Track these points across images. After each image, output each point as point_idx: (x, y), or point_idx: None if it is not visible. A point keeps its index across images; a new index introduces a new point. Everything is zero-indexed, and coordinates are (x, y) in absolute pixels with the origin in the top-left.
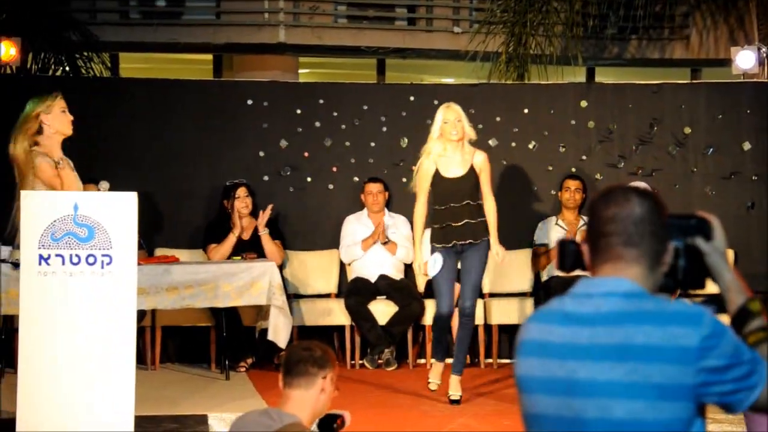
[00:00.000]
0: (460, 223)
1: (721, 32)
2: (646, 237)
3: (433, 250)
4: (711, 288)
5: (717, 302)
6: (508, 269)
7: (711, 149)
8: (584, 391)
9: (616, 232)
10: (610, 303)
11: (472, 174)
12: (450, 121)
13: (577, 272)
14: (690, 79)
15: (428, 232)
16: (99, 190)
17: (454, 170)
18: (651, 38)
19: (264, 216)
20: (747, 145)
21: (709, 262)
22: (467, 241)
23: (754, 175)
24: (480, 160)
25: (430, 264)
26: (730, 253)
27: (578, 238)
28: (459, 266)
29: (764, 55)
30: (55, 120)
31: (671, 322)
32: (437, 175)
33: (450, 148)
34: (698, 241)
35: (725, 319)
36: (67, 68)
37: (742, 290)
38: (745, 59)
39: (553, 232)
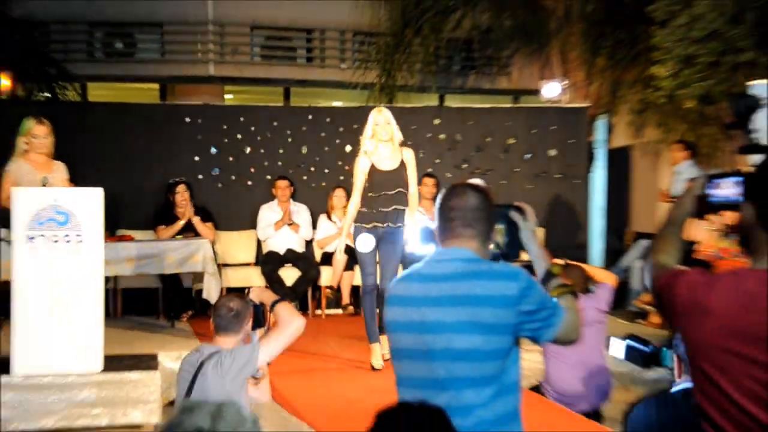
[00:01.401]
0: (389, 209)
1: (533, 70)
2: (479, 221)
3: (358, 230)
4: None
5: (529, 268)
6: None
7: (528, 155)
8: (434, 329)
9: (457, 218)
10: (454, 265)
11: (402, 167)
12: (380, 124)
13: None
14: (512, 103)
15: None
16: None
17: (386, 164)
18: (484, 73)
19: (188, 210)
20: (553, 152)
21: (523, 237)
22: (387, 225)
23: (558, 174)
24: (408, 156)
25: (360, 242)
26: (541, 232)
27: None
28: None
29: (564, 86)
30: (31, 143)
31: (498, 278)
32: (372, 168)
33: (381, 146)
34: (519, 218)
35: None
36: (47, 95)
37: (546, 258)
38: (550, 90)
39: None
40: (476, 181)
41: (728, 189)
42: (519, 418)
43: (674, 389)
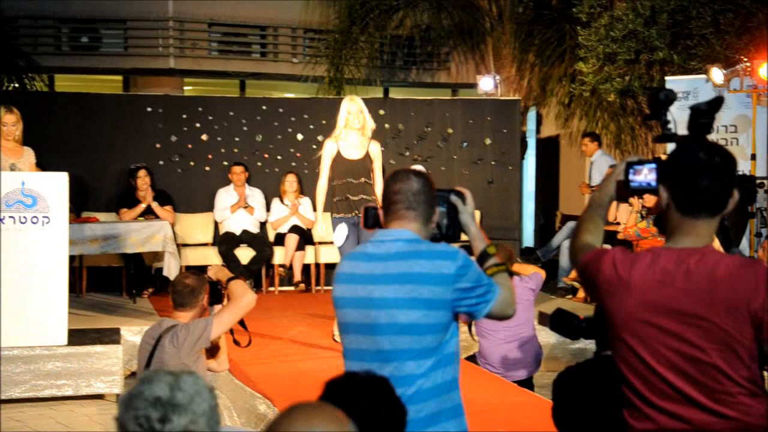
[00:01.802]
0: (356, 198)
1: (470, 65)
2: (421, 204)
3: (337, 222)
4: (465, 238)
5: (467, 248)
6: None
7: (465, 143)
8: (378, 305)
9: (401, 201)
10: (397, 246)
11: (367, 158)
12: (353, 112)
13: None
14: (451, 96)
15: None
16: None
17: (353, 153)
18: (425, 69)
19: (148, 196)
20: (488, 141)
21: (462, 219)
22: None
23: (492, 161)
24: (375, 150)
25: (336, 235)
26: (477, 214)
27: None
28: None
29: (497, 81)
30: (1, 130)
31: (437, 257)
32: (338, 156)
33: (351, 134)
34: (458, 201)
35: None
36: (17, 85)
37: (483, 239)
38: (486, 84)
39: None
40: (418, 167)
41: (645, 175)
42: (457, 386)
43: (597, 358)
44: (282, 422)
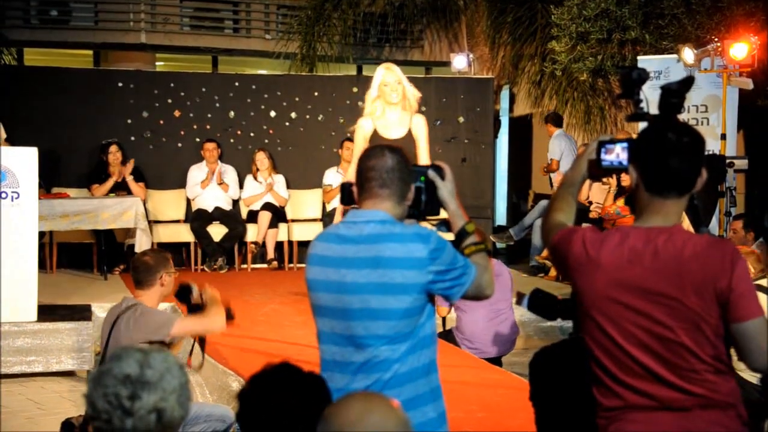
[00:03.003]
0: None
1: (443, 43)
2: (395, 181)
3: None
4: (443, 215)
5: (446, 224)
6: (304, 201)
7: (438, 121)
8: (351, 289)
9: (374, 178)
10: (369, 227)
11: (410, 137)
12: (390, 84)
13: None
14: (424, 74)
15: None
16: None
17: (393, 131)
18: (398, 46)
19: (128, 167)
20: (461, 119)
21: (441, 195)
22: None
23: (466, 139)
24: (418, 124)
25: None
26: None
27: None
28: None
29: (471, 59)
30: None
31: (409, 240)
32: (375, 135)
33: (388, 109)
34: (436, 177)
35: (451, 236)
36: None
37: (462, 216)
38: (459, 62)
39: (335, 176)
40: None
41: (618, 154)
42: (435, 369)
43: (571, 338)
44: (336, 412)
